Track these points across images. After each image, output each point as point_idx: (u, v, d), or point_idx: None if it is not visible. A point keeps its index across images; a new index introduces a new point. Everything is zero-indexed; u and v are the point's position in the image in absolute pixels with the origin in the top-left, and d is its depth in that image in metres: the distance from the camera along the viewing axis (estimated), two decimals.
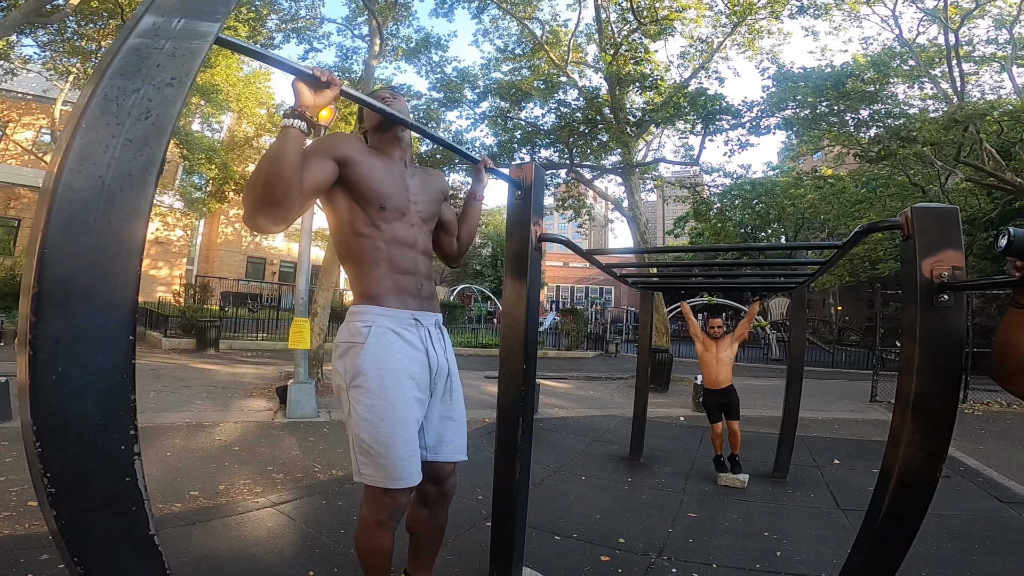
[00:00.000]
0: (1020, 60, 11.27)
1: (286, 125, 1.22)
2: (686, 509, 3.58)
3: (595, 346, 17.86)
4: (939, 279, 1.34)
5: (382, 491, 1.51)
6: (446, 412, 1.68)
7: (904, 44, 11.55)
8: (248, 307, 17.21)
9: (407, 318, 1.59)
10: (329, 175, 1.45)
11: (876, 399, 8.76)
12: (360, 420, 1.49)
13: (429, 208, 1.73)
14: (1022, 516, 3.56)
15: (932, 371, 1.35)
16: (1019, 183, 10.20)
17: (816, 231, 21.28)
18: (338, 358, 1.57)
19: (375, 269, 1.57)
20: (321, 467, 4.08)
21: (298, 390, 5.75)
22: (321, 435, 5.04)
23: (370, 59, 9.63)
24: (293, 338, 5.75)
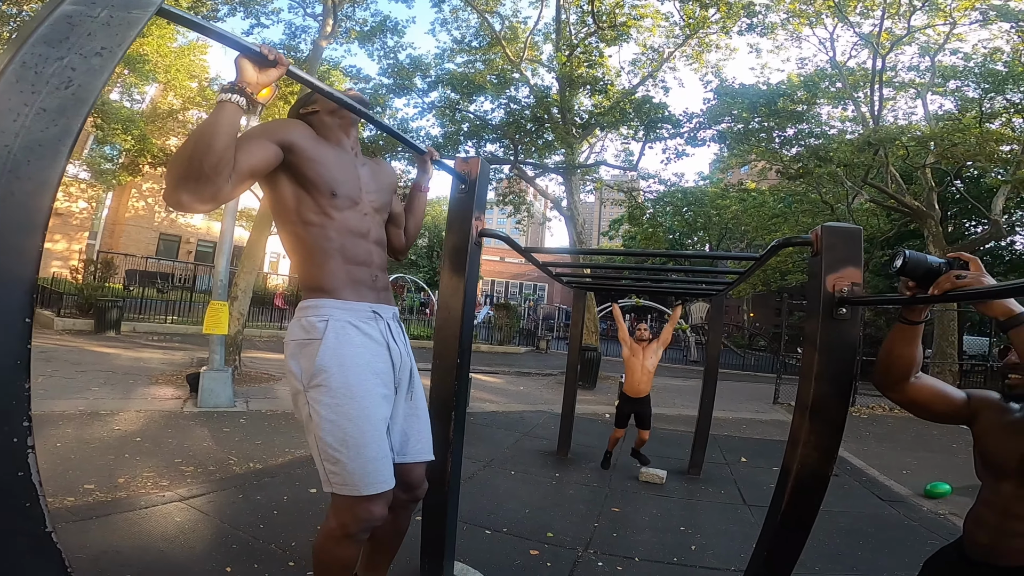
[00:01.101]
0: (936, 88, 12.51)
1: (223, 99, 1.14)
2: (610, 504, 3.72)
3: (527, 342, 18.12)
4: (840, 294, 1.48)
5: (356, 500, 1.40)
6: (410, 410, 1.62)
7: (835, 67, 12.45)
8: (157, 287, 15.90)
9: (366, 311, 1.52)
10: (270, 159, 1.36)
11: (779, 401, 9.50)
12: (323, 422, 1.39)
13: (381, 198, 1.66)
14: (899, 514, 3.97)
15: (828, 377, 1.48)
16: (916, 206, 11.34)
17: (737, 241, 22.73)
18: (291, 357, 1.46)
19: (328, 260, 1.49)
20: (237, 460, 3.86)
21: (212, 378, 5.39)
22: (237, 426, 4.76)
23: (320, 39, 9.18)
24: (209, 322, 5.38)
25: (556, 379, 10.25)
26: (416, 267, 31.66)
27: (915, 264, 1.16)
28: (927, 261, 1.16)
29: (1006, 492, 1.16)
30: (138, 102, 15.96)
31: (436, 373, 1.85)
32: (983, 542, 1.20)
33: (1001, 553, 1.17)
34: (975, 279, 1.06)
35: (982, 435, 1.25)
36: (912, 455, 6.02)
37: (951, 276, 1.09)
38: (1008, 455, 1.16)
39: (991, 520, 1.19)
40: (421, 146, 1.76)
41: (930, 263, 1.16)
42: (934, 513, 4.03)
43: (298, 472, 3.70)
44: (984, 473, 1.25)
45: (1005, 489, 1.17)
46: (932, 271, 1.14)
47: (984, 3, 10.58)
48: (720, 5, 11.26)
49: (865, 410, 9.00)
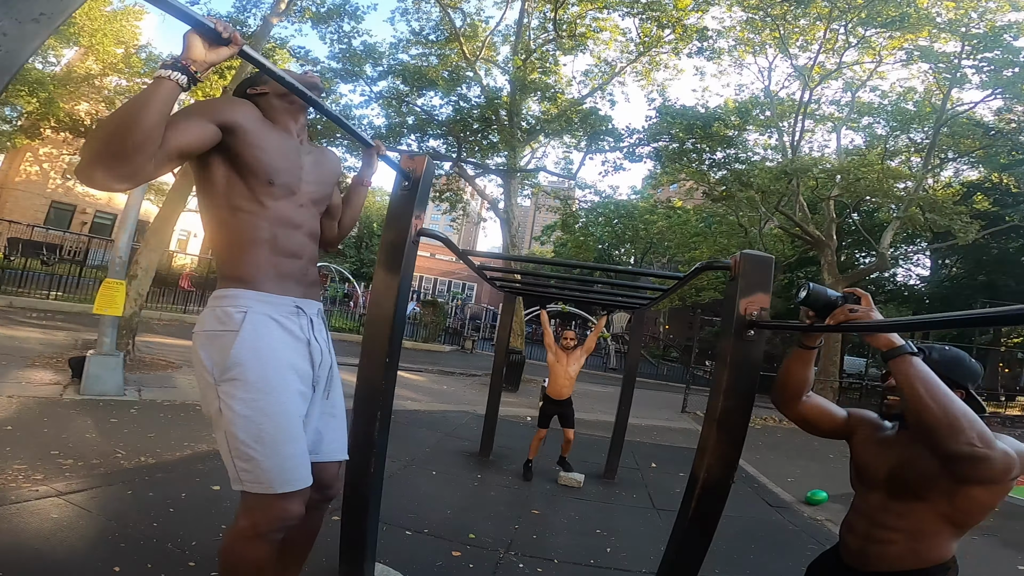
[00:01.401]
0: (851, 123, 13.68)
1: (163, 75, 1.05)
2: (530, 506, 3.78)
3: (452, 341, 18.01)
4: (750, 317, 1.60)
5: (270, 498, 1.32)
6: (327, 408, 1.56)
7: (768, 96, 13.32)
8: (42, 259, 14.18)
9: (288, 305, 1.44)
10: (205, 140, 1.26)
11: (686, 410, 10.09)
12: (236, 418, 1.31)
13: (321, 190, 1.59)
14: (784, 519, 4.32)
15: (734, 393, 1.60)
16: (816, 235, 12.41)
17: (660, 255, 23.91)
18: (201, 348, 1.36)
19: (255, 250, 1.40)
20: (125, 453, 3.51)
21: (99, 363, 4.86)
22: (126, 416, 4.34)
23: (271, 16, 8.59)
24: (101, 301, 4.86)
25: (480, 380, 10.26)
26: (343, 256, 30.53)
27: (816, 296, 1.29)
28: (827, 294, 1.28)
29: (874, 502, 1.29)
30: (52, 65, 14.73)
31: (363, 371, 1.79)
32: (854, 547, 1.33)
33: (869, 558, 1.29)
34: (865, 313, 1.19)
35: (857, 449, 1.39)
36: (796, 464, 6.59)
37: (845, 309, 1.21)
38: (878, 468, 1.30)
39: (861, 527, 1.32)
40: (369, 140, 1.70)
41: (829, 296, 1.28)
42: (813, 519, 4.40)
43: (199, 468, 3.43)
44: (857, 483, 1.38)
45: (873, 499, 1.30)
46: (830, 303, 1.27)
47: (912, 43, 11.56)
48: (676, 27, 11.77)
49: (759, 421, 9.64)
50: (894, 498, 1.25)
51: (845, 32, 11.47)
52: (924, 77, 12.63)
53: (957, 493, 1.15)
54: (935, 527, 1.20)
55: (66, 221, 21.02)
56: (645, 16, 11.79)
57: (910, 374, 1.10)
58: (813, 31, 11.82)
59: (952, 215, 10.87)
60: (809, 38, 12.06)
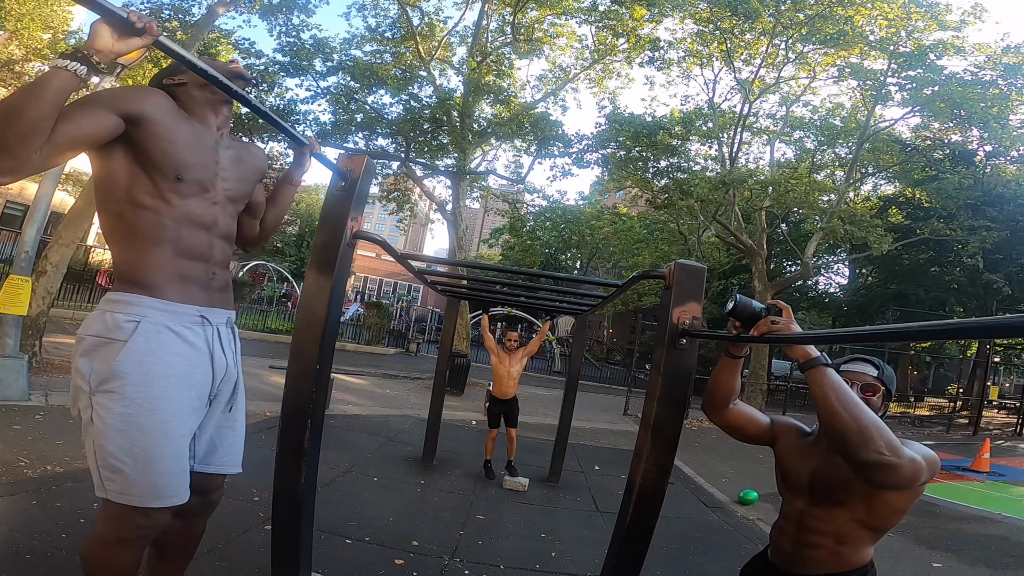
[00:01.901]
0: (784, 136, 14.49)
1: (59, 66, 0.98)
2: (475, 511, 3.74)
3: (397, 343, 17.66)
4: (683, 326, 1.65)
5: (132, 508, 1.25)
6: (225, 422, 1.48)
7: (712, 107, 13.83)
8: None
9: (191, 314, 1.35)
10: (102, 132, 1.16)
11: (628, 413, 10.38)
12: (107, 430, 1.22)
13: (240, 188, 1.50)
14: (720, 519, 4.49)
15: (668, 400, 1.64)
16: (749, 244, 13.06)
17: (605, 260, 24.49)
18: (82, 355, 1.26)
19: (155, 251, 1.30)
20: (29, 461, 3.23)
21: (1, 365, 4.45)
22: (31, 423, 3.97)
23: (218, 5, 8.10)
24: (3, 299, 4.45)
25: (424, 383, 10.11)
26: (282, 255, 29.33)
27: (743, 308, 1.34)
28: (752, 306, 1.34)
29: (800, 507, 1.35)
30: None
31: (292, 378, 1.70)
32: (786, 550, 1.39)
33: (799, 561, 1.35)
34: (785, 325, 1.24)
35: (781, 456, 1.45)
36: (729, 464, 6.90)
37: (768, 320, 1.26)
38: (800, 475, 1.36)
39: (790, 531, 1.38)
40: (301, 137, 1.62)
41: (754, 308, 1.34)
42: (746, 519, 4.59)
43: None
44: (784, 489, 1.45)
45: (799, 504, 1.36)
46: (755, 315, 1.32)
47: (844, 60, 12.33)
48: (631, 36, 12.04)
49: (696, 423, 10.02)
50: (816, 504, 1.31)
51: (785, 47, 12.14)
52: (852, 93, 13.57)
53: (873, 498, 1.22)
54: (855, 531, 1.26)
55: None
56: (602, 24, 12.03)
57: (824, 384, 1.15)
58: (757, 45, 12.43)
59: (869, 227, 11.70)
60: (753, 52, 12.66)
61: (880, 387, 1.34)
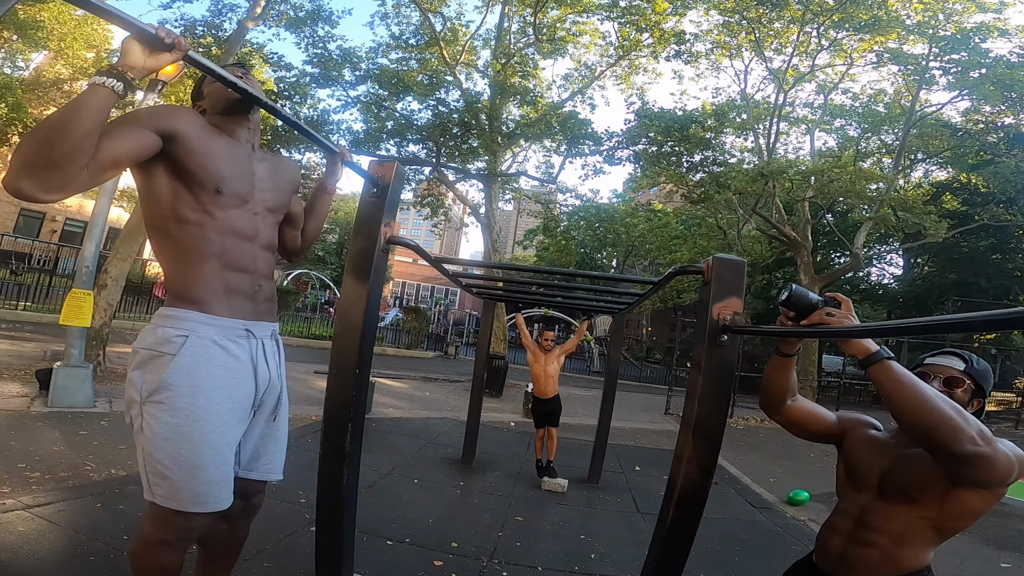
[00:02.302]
0: (824, 125, 13.93)
1: (96, 83, 1.01)
2: (514, 513, 3.74)
3: (435, 347, 17.87)
4: (723, 322, 1.59)
5: (175, 512, 1.31)
6: (269, 431, 1.53)
7: (744, 99, 13.49)
8: (11, 268, 13.76)
9: (237, 328, 1.39)
10: (143, 149, 1.21)
11: (669, 412, 10.16)
12: (156, 438, 1.28)
13: (277, 198, 1.54)
14: (768, 520, 4.35)
15: (710, 399, 1.59)
16: (793, 237, 12.61)
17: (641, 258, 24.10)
18: (136, 367, 1.32)
19: (202, 265, 1.34)
20: (95, 466, 3.42)
21: (67, 374, 4.74)
22: (96, 428, 4.22)
23: (247, 20, 8.47)
24: (68, 312, 4.73)
25: (463, 385, 10.19)
26: (323, 263, 30.17)
27: (798, 298, 1.26)
28: (808, 297, 1.26)
29: (862, 502, 1.28)
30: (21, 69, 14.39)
31: (332, 382, 1.74)
32: (835, 550, 1.31)
33: (848, 563, 1.28)
34: (842, 317, 1.17)
35: (850, 450, 1.37)
36: (778, 464, 6.67)
37: (822, 312, 1.19)
38: (870, 470, 1.28)
39: (844, 528, 1.31)
40: (333, 146, 1.66)
41: (810, 298, 1.25)
42: (796, 519, 4.44)
43: None
44: (845, 485, 1.37)
45: (862, 499, 1.29)
46: (810, 305, 1.24)
47: (882, 46, 11.84)
48: (655, 30, 11.87)
49: (741, 421, 9.75)
50: (884, 499, 1.24)
51: (818, 35, 11.70)
52: (894, 79, 12.97)
53: (950, 497, 1.13)
54: (920, 532, 1.19)
55: (35, 229, 20.42)
56: (624, 20, 11.89)
57: (891, 378, 1.06)
58: (787, 34, 12.04)
59: (922, 214, 11.13)
60: (783, 41, 12.27)
61: (966, 381, 1.24)
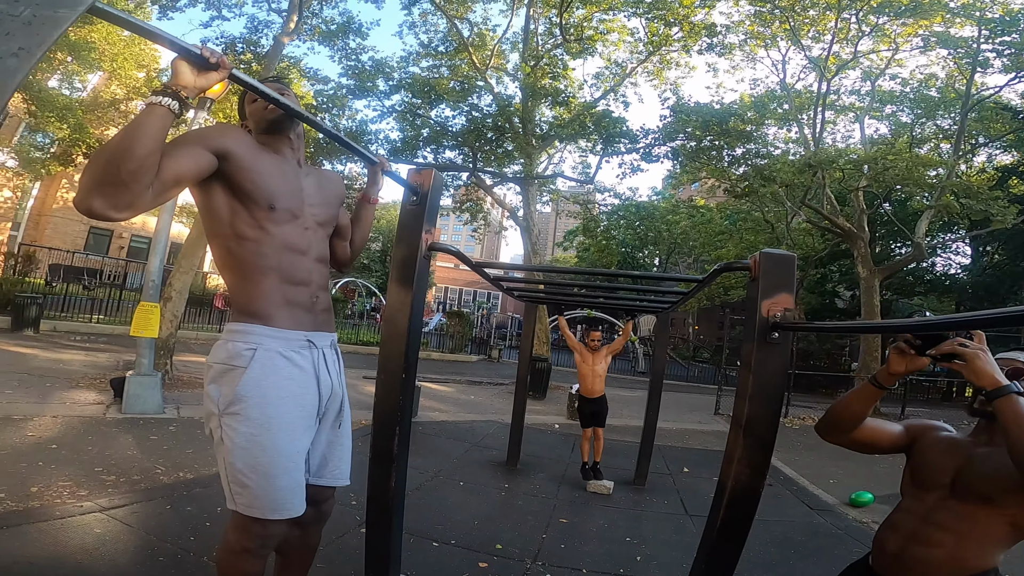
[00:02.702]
0: (873, 112, 13.31)
1: (153, 102, 1.06)
2: (558, 515, 3.73)
3: (479, 350, 18.03)
4: (774, 319, 1.54)
5: (254, 520, 1.38)
6: (334, 437, 1.60)
7: (784, 88, 13.04)
8: (83, 283, 14.83)
9: (299, 340, 1.46)
10: (200, 168, 1.27)
11: (719, 412, 9.88)
12: (236, 448, 1.35)
13: (326, 211, 1.59)
14: (827, 523, 4.17)
15: (761, 398, 1.54)
16: (847, 228, 12.03)
17: (685, 255, 23.55)
18: (211, 381, 1.40)
19: (263, 280, 1.41)
20: (164, 469, 3.64)
21: (139, 383, 5.07)
22: (166, 433, 4.49)
23: (282, 35, 8.86)
24: (137, 324, 5.05)
25: (507, 388, 10.24)
26: (368, 271, 31.00)
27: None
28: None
29: (930, 501, 1.24)
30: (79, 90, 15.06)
31: (380, 388, 1.79)
32: (892, 550, 1.26)
33: (907, 563, 1.23)
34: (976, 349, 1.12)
35: (920, 453, 1.33)
36: (838, 465, 6.34)
37: (955, 341, 1.14)
38: (943, 470, 1.25)
39: (907, 526, 1.26)
40: (372, 156, 1.71)
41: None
42: (859, 522, 4.24)
43: None
44: (911, 486, 1.32)
45: (930, 499, 1.24)
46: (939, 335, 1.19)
47: (927, 30, 11.27)
48: (684, 24, 11.66)
49: (797, 421, 9.43)
50: (956, 499, 1.20)
51: (857, 21, 11.20)
52: (944, 63, 12.31)
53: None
54: (994, 531, 1.15)
55: (104, 246, 21.83)
56: (651, 15, 11.73)
57: (1017, 413, 1.05)
58: (824, 21, 11.58)
59: (988, 200, 10.42)
60: (820, 28, 11.81)
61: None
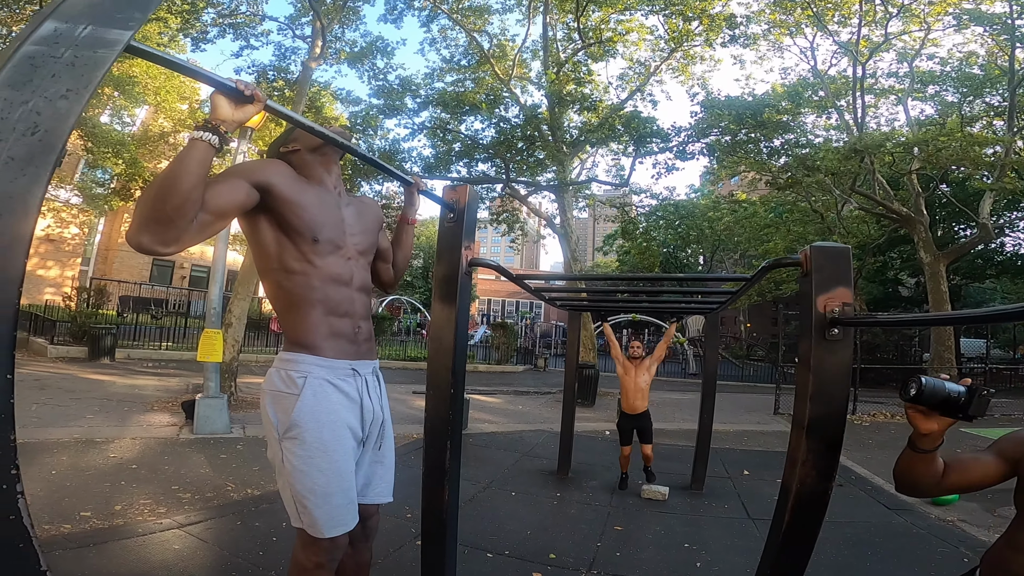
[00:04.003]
0: (915, 93, 12.67)
1: (195, 137, 1.10)
2: (612, 522, 3.68)
3: (525, 360, 18.02)
4: (831, 314, 1.47)
5: (317, 537, 1.45)
6: (376, 458, 1.66)
7: (817, 75, 12.59)
8: (151, 313, 15.83)
9: (345, 368, 1.52)
10: (242, 201, 1.32)
11: (779, 411, 9.46)
12: (295, 471, 1.44)
13: (366, 240, 1.64)
14: (907, 522, 3.93)
15: (823, 398, 1.47)
16: (904, 212, 11.41)
17: (730, 252, 22.83)
18: (268, 405, 1.48)
19: (311, 312, 1.48)
20: (234, 486, 3.82)
21: (208, 405, 5.36)
22: (234, 452, 4.71)
23: (310, 60, 9.26)
24: (203, 350, 5.36)
25: (555, 397, 10.19)
26: (412, 288, 31.61)
27: (931, 394, 1.06)
28: (944, 390, 1.06)
29: None
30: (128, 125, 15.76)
31: (430, 402, 1.83)
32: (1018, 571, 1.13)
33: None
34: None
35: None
36: None
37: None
38: None
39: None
40: (407, 177, 1.75)
41: (948, 392, 1.05)
42: (942, 520, 4.00)
43: None
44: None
45: None
46: (950, 400, 1.05)
47: (957, 8, 10.74)
48: (702, 18, 11.45)
49: (866, 417, 8.96)
50: None
51: (883, 2, 10.72)
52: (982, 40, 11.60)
53: None
54: None
55: (167, 276, 23.22)
56: (668, 12, 11.58)
57: None
58: (848, 4, 11.19)
59: None
60: (845, 12, 11.37)
61: None
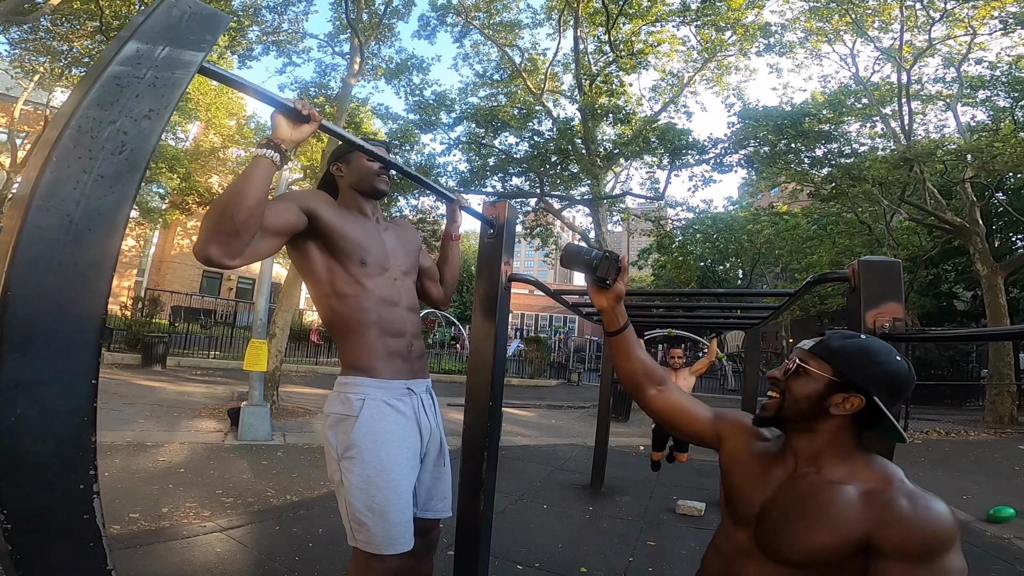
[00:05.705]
0: (965, 99, 12.13)
1: (259, 155, 1.17)
2: (645, 537, 3.62)
3: (558, 375, 17.90)
4: (881, 330, 1.43)
5: (373, 555, 1.48)
6: (437, 474, 1.70)
7: (859, 82, 12.20)
8: (200, 323, 16.52)
9: (400, 388, 1.57)
10: (293, 221, 1.40)
11: None
12: (353, 489, 1.47)
13: (408, 261, 1.71)
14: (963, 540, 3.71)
15: None
16: (957, 223, 10.88)
17: (771, 266, 22.15)
18: (329, 428, 1.54)
19: (366, 334, 1.53)
20: (274, 492, 3.93)
21: (252, 412, 5.55)
22: (275, 459, 4.85)
23: (348, 77, 9.61)
24: (249, 359, 5.57)
25: (588, 411, 10.08)
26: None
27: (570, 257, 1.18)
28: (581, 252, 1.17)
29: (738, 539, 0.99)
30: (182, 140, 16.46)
31: (469, 415, 1.86)
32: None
33: None
34: None
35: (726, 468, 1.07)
36: (971, 479, 5.72)
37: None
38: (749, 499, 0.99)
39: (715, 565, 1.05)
40: (450, 193, 1.80)
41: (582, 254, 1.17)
42: (998, 538, 3.86)
43: (333, 505, 3.71)
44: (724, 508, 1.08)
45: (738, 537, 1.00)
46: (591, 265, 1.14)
47: (1002, 11, 10.31)
48: (736, 27, 11.32)
49: (919, 435, 8.60)
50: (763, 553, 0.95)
51: (924, 7, 10.33)
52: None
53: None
54: None
55: (216, 288, 24.23)
56: (700, 22, 11.46)
57: None
58: (888, 10, 10.83)
59: None
60: (885, 18, 11.00)
61: None
